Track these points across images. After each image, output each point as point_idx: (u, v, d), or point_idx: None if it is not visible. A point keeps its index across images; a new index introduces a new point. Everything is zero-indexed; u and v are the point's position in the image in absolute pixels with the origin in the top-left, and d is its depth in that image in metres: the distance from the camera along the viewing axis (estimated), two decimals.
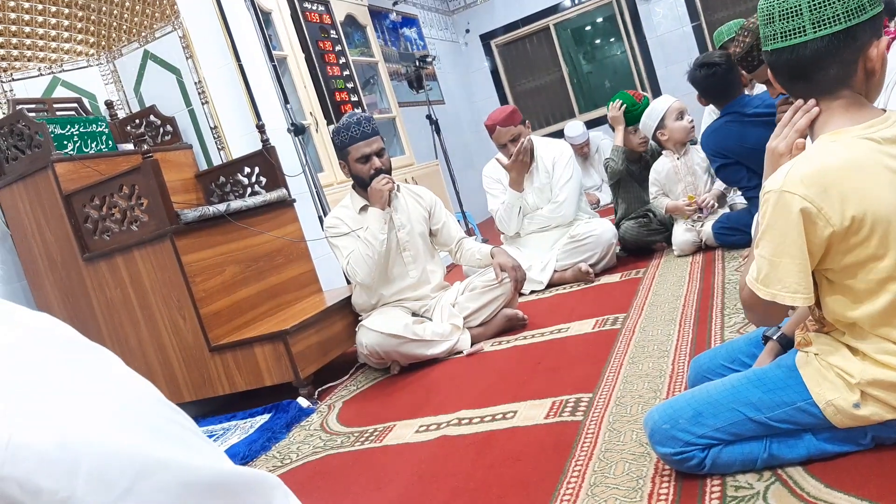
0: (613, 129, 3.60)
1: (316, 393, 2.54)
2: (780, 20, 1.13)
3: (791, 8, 1.11)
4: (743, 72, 2.55)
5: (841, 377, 1.11)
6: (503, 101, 8.08)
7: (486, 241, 5.37)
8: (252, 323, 2.78)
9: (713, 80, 2.83)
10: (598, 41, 8.03)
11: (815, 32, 1.09)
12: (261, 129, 3.19)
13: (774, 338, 1.36)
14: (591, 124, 7.29)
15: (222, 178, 3.32)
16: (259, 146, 3.19)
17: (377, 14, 6.22)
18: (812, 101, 1.16)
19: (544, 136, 7.64)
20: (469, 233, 5.78)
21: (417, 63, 6.16)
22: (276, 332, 2.47)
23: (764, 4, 1.16)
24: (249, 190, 3.23)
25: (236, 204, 2.85)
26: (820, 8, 1.08)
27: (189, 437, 0.66)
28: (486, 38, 8.02)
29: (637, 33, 7.35)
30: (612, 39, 7.78)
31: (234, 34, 3.63)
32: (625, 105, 3.49)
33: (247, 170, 3.24)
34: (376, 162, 2.63)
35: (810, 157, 1.10)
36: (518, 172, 3.36)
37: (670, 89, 7.21)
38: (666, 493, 1.25)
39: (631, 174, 3.55)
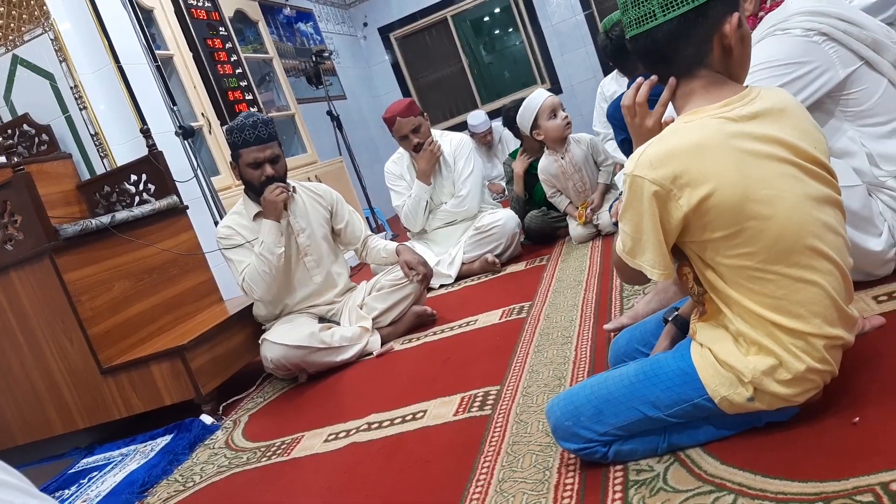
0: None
1: (220, 408, 2.42)
2: (633, 7, 1.15)
3: None
4: None
5: (734, 373, 1.13)
6: (406, 94, 8.03)
7: (395, 236, 5.34)
8: (148, 340, 2.62)
9: (621, 43, 2.83)
10: (496, 32, 8.10)
11: (665, 15, 1.11)
12: (145, 133, 3.02)
13: (671, 320, 1.38)
14: (493, 115, 7.37)
15: (107, 188, 3.12)
16: (145, 152, 3.02)
17: (270, 9, 6.03)
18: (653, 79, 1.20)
19: (448, 127, 7.71)
20: (379, 229, 5.72)
21: (315, 58, 6.03)
22: (173, 347, 2.34)
23: None
24: (137, 199, 3.05)
25: (122, 215, 2.68)
26: None
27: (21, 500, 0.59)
28: (384, 32, 7.94)
29: (533, 23, 7.46)
30: (510, 30, 7.86)
31: (111, 34, 3.42)
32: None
33: (133, 177, 3.05)
34: (268, 169, 2.49)
35: (662, 139, 1.12)
36: (427, 162, 3.33)
37: (567, 77, 7.40)
38: (572, 483, 1.25)
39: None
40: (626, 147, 3.02)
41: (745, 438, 1.19)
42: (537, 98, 3.20)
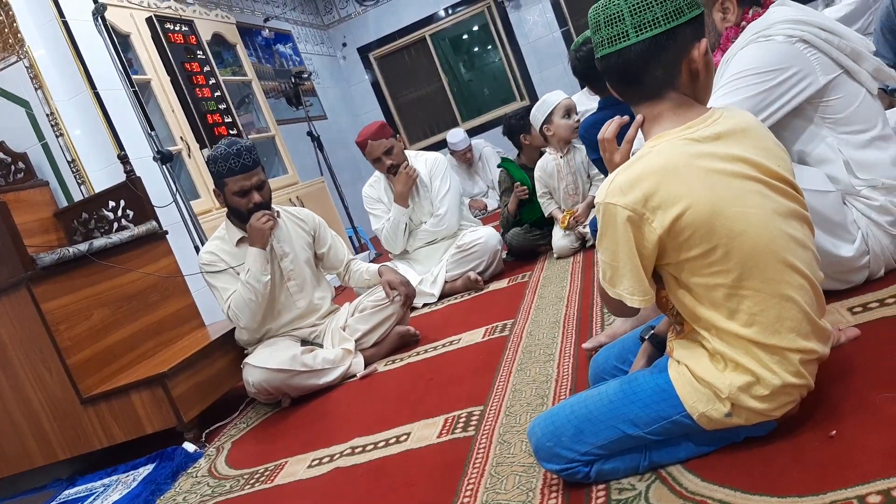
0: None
1: (203, 435, 2.40)
2: (605, 27, 1.16)
3: (614, 14, 1.14)
4: None
5: (711, 390, 1.14)
6: (386, 113, 8.06)
7: (379, 255, 5.34)
8: (128, 368, 2.59)
9: (592, 59, 2.87)
10: (475, 49, 8.17)
11: (638, 36, 1.13)
12: (123, 159, 3.00)
13: (647, 338, 1.39)
14: (474, 131, 7.42)
15: (85, 215, 3.09)
16: (123, 178, 3.00)
17: (248, 31, 6.05)
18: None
19: (429, 145, 7.74)
20: (362, 248, 5.72)
21: (294, 79, 6.05)
22: (154, 375, 2.31)
23: (592, 14, 1.19)
24: (116, 225, 3.03)
25: (100, 242, 2.65)
26: (640, 12, 1.12)
27: None
28: (364, 51, 7.98)
29: (511, 41, 7.53)
30: (488, 47, 7.93)
31: (87, 60, 3.42)
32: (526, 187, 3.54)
33: (112, 204, 3.03)
34: (256, 196, 2.47)
35: (630, 165, 1.14)
36: (404, 185, 3.34)
37: (545, 92, 7.43)
38: None
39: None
40: (601, 165, 3.06)
41: (724, 454, 1.19)
42: (556, 96, 3.31)
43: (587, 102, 3.88)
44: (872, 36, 3.40)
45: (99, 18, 3.39)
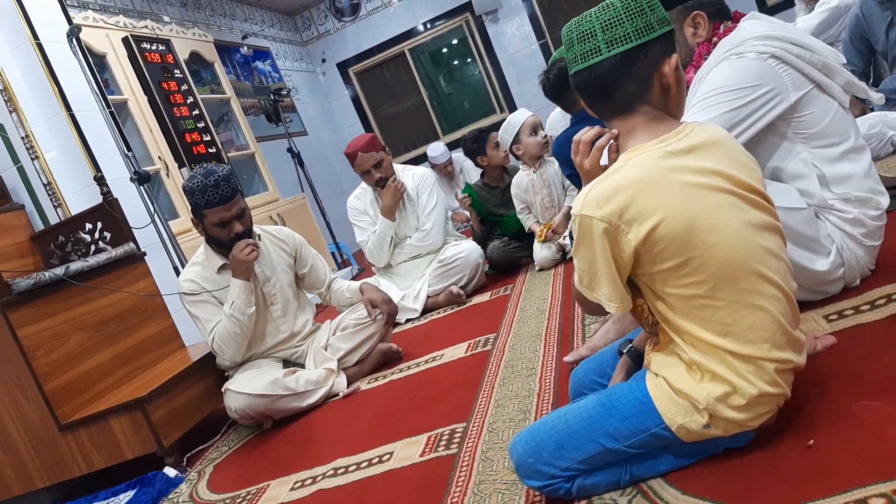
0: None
1: (184, 460, 2.36)
2: (578, 43, 1.18)
3: (586, 31, 1.17)
4: None
5: (689, 401, 1.14)
6: (367, 127, 8.07)
7: (362, 270, 5.32)
8: (107, 393, 2.55)
9: (560, 79, 2.90)
10: (455, 63, 8.21)
11: (610, 51, 1.15)
12: (100, 181, 2.97)
13: (625, 352, 1.40)
14: (455, 144, 7.44)
15: (61, 238, 3.05)
16: (100, 199, 2.97)
17: (226, 49, 6.04)
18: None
19: (410, 159, 7.75)
20: (345, 263, 5.70)
21: (273, 96, 6.04)
22: (133, 400, 2.28)
23: (565, 31, 1.21)
24: (93, 247, 2.99)
25: (77, 265, 2.62)
26: (612, 28, 1.14)
27: None
28: (343, 67, 7.99)
29: (489, 54, 7.58)
30: (468, 61, 7.97)
31: (62, 82, 3.38)
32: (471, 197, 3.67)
33: (88, 226, 2.99)
34: (237, 227, 2.41)
35: (605, 177, 1.15)
36: (392, 198, 3.33)
37: (525, 105, 7.50)
38: None
39: (489, 210, 3.68)
40: (575, 180, 3.09)
41: (704, 467, 1.20)
42: (521, 115, 3.36)
43: (563, 120, 3.91)
44: (841, 44, 3.47)
45: (74, 40, 3.38)
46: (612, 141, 1.25)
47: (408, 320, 3.28)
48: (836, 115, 1.62)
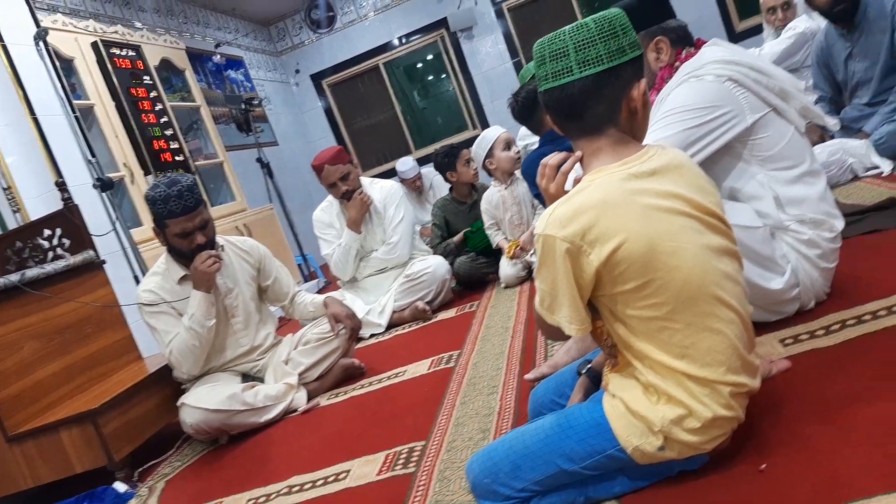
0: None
1: (135, 474, 2.30)
2: (550, 61, 1.18)
3: (559, 50, 1.16)
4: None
5: (644, 423, 1.14)
6: (339, 139, 8.05)
7: (328, 283, 5.27)
8: (59, 403, 2.48)
9: (528, 102, 2.94)
10: (429, 78, 8.23)
11: (582, 72, 1.15)
12: (61, 186, 2.90)
13: (584, 372, 1.39)
14: (427, 159, 7.44)
15: (19, 244, 2.96)
16: (61, 205, 2.90)
17: (198, 57, 5.98)
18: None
19: (382, 173, 7.74)
20: (312, 276, 5.65)
21: (244, 105, 6.00)
22: (84, 412, 2.21)
23: (537, 48, 1.21)
24: (51, 254, 2.91)
25: (33, 272, 2.55)
26: (584, 49, 1.14)
27: None
28: (317, 78, 7.97)
29: (463, 70, 7.62)
30: (442, 76, 8.01)
31: (26, 85, 3.31)
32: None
33: (47, 232, 2.92)
34: (199, 237, 2.35)
35: (569, 198, 1.15)
36: (358, 211, 3.31)
37: (497, 122, 7.53)
38: None
39: (455, 225, 3.70)
40: (542, 200, 3.10)
41: (658, 489, 1.20)
42: (495, 131, 3.42)
43: (529, 138, 3.95)
44: (811, 69, 3.56)
45: (41, 43, 3.32)
46: (579, 170, 1.25)
47: (372, 335, 3.26)
48: (791, 139, 1.66)
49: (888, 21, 2.99)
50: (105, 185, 3.17)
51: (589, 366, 1.40)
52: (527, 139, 4.02)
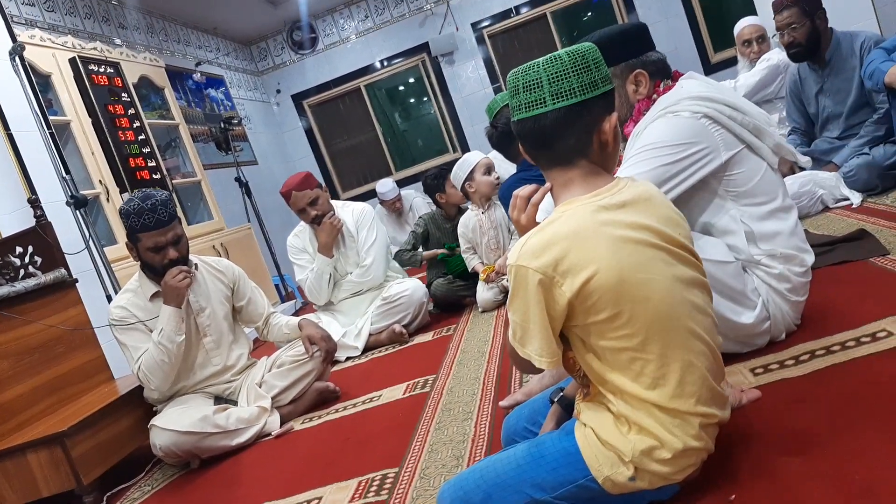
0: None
1: (104, 499, 2.25)
2: (523, 92, 1.20)
3: (532, 81, 1.18)
4: None
5: (615, 453, 1.15)
6: (320, 160, 8.05)
7: (305, 304, 5.24)
8: (27, 425, 2.43)
9: (507, 130, 2.97)
10: (410, 101, 8.29)
11: (555, 104, 1.17)
12: (34, 203, 2.87)
13: (556, 401, 1.40)
14: (407, 181, 7.48)
15: None
16: (33, 222, 2.86)
17: (178, 75, 5.97)
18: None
19: (362, 194, 7.75)
20: (289, 296, 5.61)
21: (223, 124, 5.99)
22: (52, 434, 2.17)
23: (511, 78, 1.23)
24: (23, 272, 2.87)
25: (3, 290, 2.51)
26: (558, 81, 1.16)
27: None
28: (298, 99, 7.99)
29: (444, 94, 7.69)
30: (423, 99, 8.07)
31: (1, 100, 3.27)
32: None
33: (19, 249, 2.88)
34: (171, 252, 2.36)
35: (541, 229, 1.17)
36: (328, 235, 3.31)
37: (477, 146, 7.61)
38: None
39: (437, 238, 3.71)
40: None
41: None
42: (476, 155, 3.45)
43: (506, 164, 3.99)
44: (784, 100, 3.64)
45: (17, 58, 3.29)
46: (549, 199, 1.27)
47: (348, 359, 3.24)
48: (764, 175, 1.69)
49: (857, 59, 3.08)
50: (79, 202, 3.13)
51: (561, 394, 1.40)
52: (505, 163, 4.06)
